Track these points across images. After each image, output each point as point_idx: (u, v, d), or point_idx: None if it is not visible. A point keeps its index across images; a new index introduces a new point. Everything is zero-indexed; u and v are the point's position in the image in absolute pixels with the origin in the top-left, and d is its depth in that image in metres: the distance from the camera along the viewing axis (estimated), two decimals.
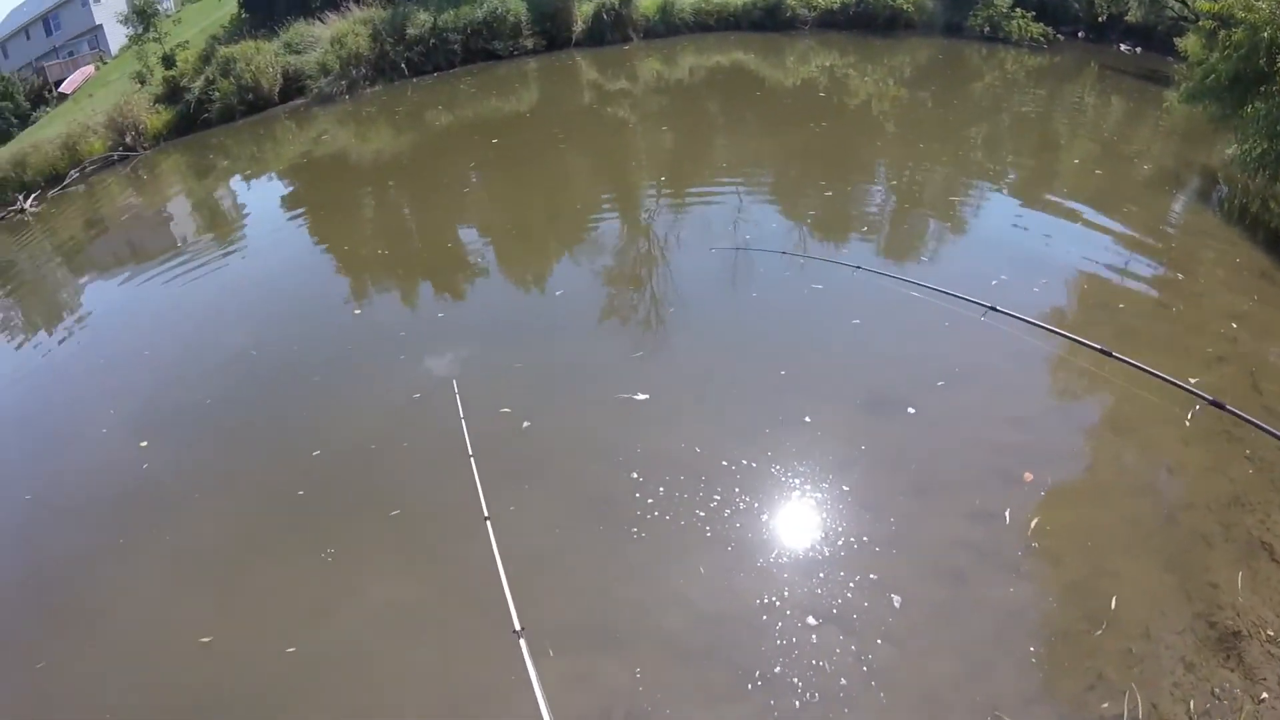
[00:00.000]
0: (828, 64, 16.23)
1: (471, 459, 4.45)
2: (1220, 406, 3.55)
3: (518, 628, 2.97)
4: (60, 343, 11.58)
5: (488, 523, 3.62)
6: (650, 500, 5.22)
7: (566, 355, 7.37)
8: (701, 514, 5.05)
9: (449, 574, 5.20)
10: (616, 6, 20.20)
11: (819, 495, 5.16)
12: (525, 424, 6.25)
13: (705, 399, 6.33)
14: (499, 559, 3.30)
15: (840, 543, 4.76)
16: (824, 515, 4.99)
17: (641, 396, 6.33)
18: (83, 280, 14.96)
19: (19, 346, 12.35)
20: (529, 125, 15.58)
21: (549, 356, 7.36)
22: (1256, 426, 3.30)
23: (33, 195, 22.60)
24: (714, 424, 6.03)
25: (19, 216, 21.82)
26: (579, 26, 20.93)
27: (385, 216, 12.88)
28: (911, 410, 5.79)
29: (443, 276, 9.70)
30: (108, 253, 16.00)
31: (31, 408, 9.68)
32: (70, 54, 39.64)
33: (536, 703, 2.61)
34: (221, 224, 15.39)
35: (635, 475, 5.47)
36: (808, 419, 5.78)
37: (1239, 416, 3.51)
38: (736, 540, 4.86)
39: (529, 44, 20.90)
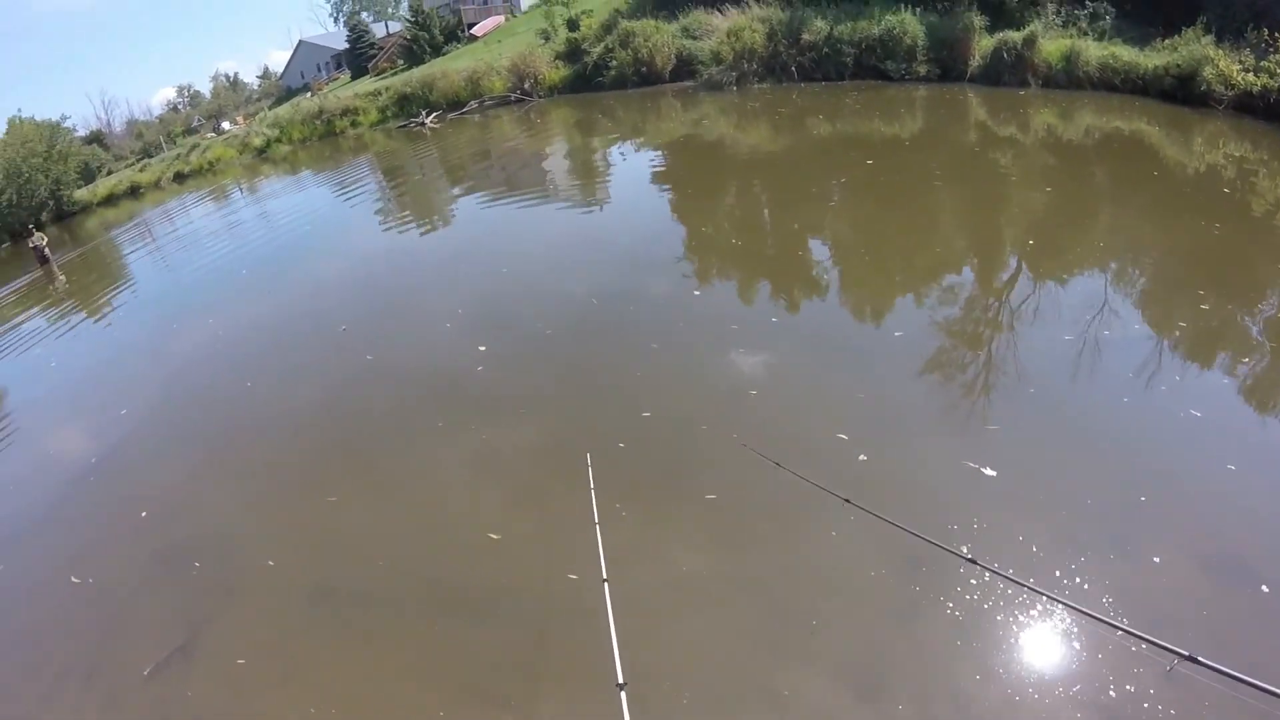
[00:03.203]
0: (1238, 154, 13.84)
1: (597, 526, 4.43)
2: None
3: (620, 681, 2.97)
4: (428, 241, 13.50)
5: (605, 585, 3.63)
6: (973, 580, 4.97)
7: (907, 402, 7.04)
8: (1018, 616, 4.73)
9: (750, 569, 5.39)
10: (1019, 46, 19.06)
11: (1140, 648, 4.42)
12: (862, 456, 6.10)
13: (1052, 500, 5.73)
14: (611, 618, 3.34)
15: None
16: (1137, 683, 4.32)
17: (989, 472, 5.93)
18: (458, 193, 17.34)
19: (394, 236, 14.65)
20: (906, 154, 15.22)
21: (891, 396, 7.09)
22: None
23: (434, 114, 26.68)
24: (1056, 529, 5.47)
25: (419, 128, 25.91)
26: (975, 61, 20.10)
27: (745, 210, 13.38)
28: (1265, 589, 4.86)
29: (785, 282, 9.79)
30: (485, 176, 18.47)
31: (392, 287, 11.37)
32: (484, 2, 46.38)
33: None
34: (590, 177, 17.09)
35: (965, 549, 5.16)
36: (1156, 559, 5.09)
37: None
38: (1036, 653, 4.53)
39: (921, 70, 20.52)
